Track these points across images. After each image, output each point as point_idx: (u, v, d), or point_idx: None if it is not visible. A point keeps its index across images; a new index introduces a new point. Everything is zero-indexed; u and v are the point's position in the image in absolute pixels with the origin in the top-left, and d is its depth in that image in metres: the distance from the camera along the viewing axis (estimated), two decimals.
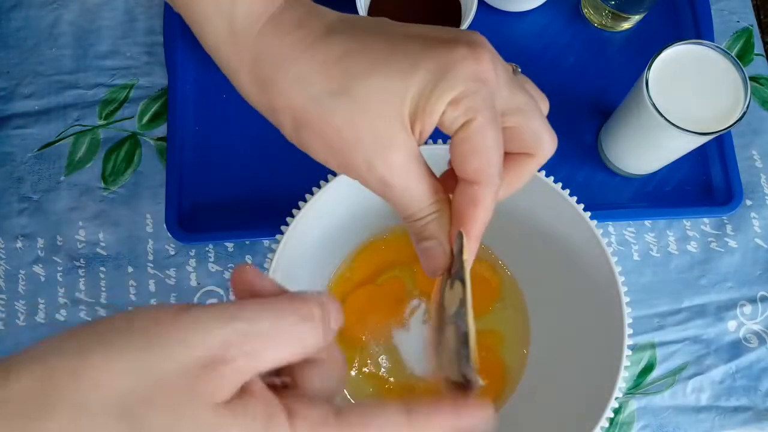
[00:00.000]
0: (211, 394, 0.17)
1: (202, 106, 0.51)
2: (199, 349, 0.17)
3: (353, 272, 0.44)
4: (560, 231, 0.38)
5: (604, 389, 0.33)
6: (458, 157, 0.24)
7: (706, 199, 0.49)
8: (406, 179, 0.24)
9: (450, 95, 0.22)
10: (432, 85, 0.22)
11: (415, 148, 0.24)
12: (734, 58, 0.40)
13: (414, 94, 0.23)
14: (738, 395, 0.47)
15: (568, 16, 0.54)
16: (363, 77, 0.23)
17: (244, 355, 0.17)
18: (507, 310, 0.44)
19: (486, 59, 0.23)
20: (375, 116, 0.23)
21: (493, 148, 0.23)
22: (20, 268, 0.48)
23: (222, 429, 0.17)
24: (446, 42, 0.23)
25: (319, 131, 0.24)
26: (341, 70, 0.23)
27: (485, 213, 0.24)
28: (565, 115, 0.51)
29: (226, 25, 0.24)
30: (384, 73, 0.23)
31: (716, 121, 0.40)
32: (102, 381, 0.16)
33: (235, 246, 0.49)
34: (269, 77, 0.24)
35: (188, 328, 0.17)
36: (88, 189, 0.50)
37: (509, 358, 0.43)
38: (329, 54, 0.23)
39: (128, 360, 0.17)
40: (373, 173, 0.24)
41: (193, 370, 0.17)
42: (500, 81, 0.23)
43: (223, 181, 0.50)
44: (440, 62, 0.23)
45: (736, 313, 0.48)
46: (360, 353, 0.42)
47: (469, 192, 0.24)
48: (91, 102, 0.52)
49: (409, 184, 0.24)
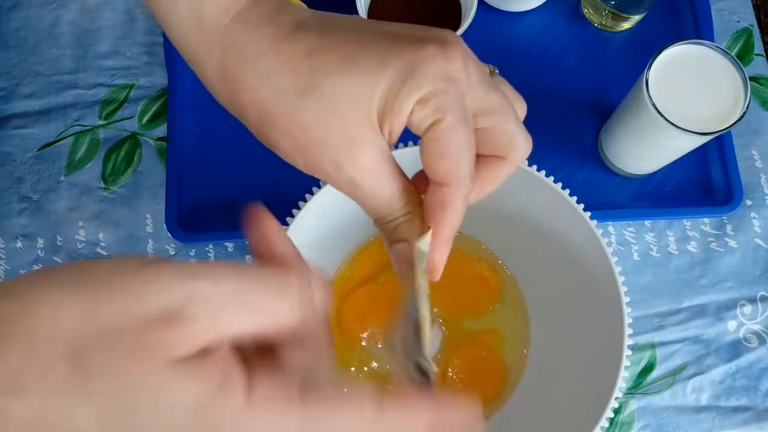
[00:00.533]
0: (165, 348, 0.16)
1: (202, 106, 0.51)
2: (154, 303, 0.17)
3: (354, 271, 0.44)
4: (560, 231, 0.38)
5: (604, 389, 0.33)
6: (427, 158, 0.23)
7: (706, 199, 0.50)
8: (375, 180, 0.23)
9: (418, 94, 0.22)
10: (400, 83, 0.22)
11: (385, 148, 0.23)
12: (734, 58, 0.40)
13: (382, 93, 0.22)
14: (738, 395, 0.47)
15: (568, 16, 0.54)
16: (331, 74, 0.22)
17: (204, 315, 0.17)
18: (507, 310, 0.44)
19: (456, 58, 0.22)
20: (343, 115, 0.22)
21: (463, 150, 0.23)
22: (20, 268, 0.48)
23: (169, 383, 0.16)
24: (416, 40, 0.23)
25: (285, 129, 0.23)
26: (309, 67, 0.22)
27: (455, 216, 0.24)
28: (565, 115, 0.51)
29: (194, 14, 0.24)
30: (352, 71, 0.22)
31: (716, 121, 0.40)
32: (52, 320, 0.16)
33: (235, 246, 0.49)
34: (236, 72, 0.23)
35: (149, 280, 0.17)
36: (88, 189, 0.50)
37: (509, 358, 0.43)
38: (297, 50, 0.23)
39: (81, 303, 0.16)
40: (342, 174, 0.23)
41: (148, 322, 0.16)
42: (472, 81, 0.23)
43: (223, 181, 0.50)
44: (409, 60, 0.22)
45: (736, 313, 0.48)
46: (360, 352, 0.42)
47: (438, 194, 0.23)
48: (91, 102, 0.52)
49: (379, 186, 0.23)
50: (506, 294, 0.44)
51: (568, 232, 0.38)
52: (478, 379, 0.42)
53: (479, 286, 0.44)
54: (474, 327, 0.43)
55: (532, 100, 0.54)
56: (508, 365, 0.43)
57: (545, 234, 0.39)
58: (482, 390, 0.42)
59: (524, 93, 0.58)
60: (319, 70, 0.22)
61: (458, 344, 0.43)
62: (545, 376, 0.41)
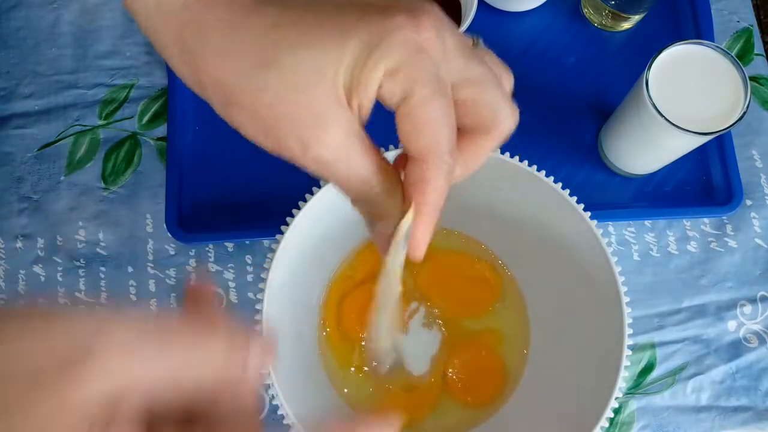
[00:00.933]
0: (70, 388, 0.16)
1: (202, 106, 0.51)
2: (60, 342, 0.16)
3: (354, 271, 0.44)
4: (560, 231, 0.38)
5: (604, 389, 0.33)
6: (403, 134, 0.22)
7: (706, 199, 0.49)
8: (345, 158, 0.22)
9: (385, 65, 0.21)
10: (366, 55, 0.21)
11: (354, 123, 0.22)
12: (734, 58, 0.40)
13: (347, 66, 0.21)
14: (738, 395, 0.47)
15: (568, 16, 0.54)
16: (293, 48, 0.21)
17: (116, 353, 0.17)
18: (507, 310, 0.44)
19: (427, 27, 0.21)
20: (307, 90, 0.21)
21: (439, 124, 0.21)
22: (20, 268, 0.48)
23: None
24: (383, 10, 0.21)
25: (248, 108, 0.22)
26: (271, 43, 0.21)
27: (436, 194, 0.22)
28: (565, 115, 0.51)
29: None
30: (315, 45, 0.21)
31: (716, 121, 0.40)
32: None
33: (235, 246, 0.49)
34: (195, 51, 0.22)
35: (57, 322, 0.17)
36: (88, 189, 0.50)
37: (509, 358, 0.43)
38: (258, 25, 0.22)
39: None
40: (308, 153, 0.22)
41: (56, 362, 0.16)
42: (450, 51, 0.21)
43: (223, 181, 0.50)
44: (375, 30, 0.21)
45: (736, 313, 0.48)
46: (360, 352, 0.42)
47: (418, 171, 0.22)
48: (91, 102, 0.52)
49: (350, 163, 0.22)
50: (506, 294, 0.44)
51: (568, 232, 0.38)
52: (478, 379, 0.42)
53: (479, 287, 0.44)
54: (474, 327, 0.43)
55: (532, 100, 0.54)
56: (508, 365, 0.43)
57: (545, 234, 0.39)
58: (482, 390, 0.42)
59: (524, 93, 0.59)
60: (281, 45, 0.21)
61: (458, 344, 0.43)
62: (545, 376, 0.41)
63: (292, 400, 0.33)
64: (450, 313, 0.43)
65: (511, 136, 0.57)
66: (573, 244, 0.37)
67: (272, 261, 0.35)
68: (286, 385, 0.33)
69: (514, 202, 0.39)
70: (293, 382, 0.34)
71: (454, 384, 0.42)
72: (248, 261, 0.49)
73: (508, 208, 0.40)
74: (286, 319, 0.37)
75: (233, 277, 0.48)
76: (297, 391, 0.34)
